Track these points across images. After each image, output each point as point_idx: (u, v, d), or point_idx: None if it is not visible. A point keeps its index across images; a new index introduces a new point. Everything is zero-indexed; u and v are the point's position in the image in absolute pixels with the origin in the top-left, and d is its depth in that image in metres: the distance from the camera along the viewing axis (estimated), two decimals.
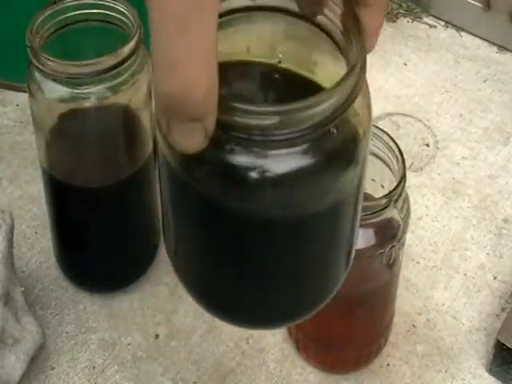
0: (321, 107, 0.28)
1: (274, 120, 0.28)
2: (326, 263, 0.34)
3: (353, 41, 0.30)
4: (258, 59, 0.34)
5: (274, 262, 0.32)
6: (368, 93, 0.31)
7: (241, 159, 0.29)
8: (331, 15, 0.31)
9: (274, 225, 0.31)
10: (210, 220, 0.32)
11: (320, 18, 0.32)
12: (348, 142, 0.30)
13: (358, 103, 0.30)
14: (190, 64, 0.26)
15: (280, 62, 0.33)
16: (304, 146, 0.29)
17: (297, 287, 0.33)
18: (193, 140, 0.28)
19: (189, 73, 0.26)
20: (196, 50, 0.26)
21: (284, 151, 0.29)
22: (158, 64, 0.26)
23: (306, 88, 0.34)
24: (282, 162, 0.29)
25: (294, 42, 0.33)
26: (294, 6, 0.32)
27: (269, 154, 0.29)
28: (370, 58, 0.31)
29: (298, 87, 0.34)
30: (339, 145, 0.30)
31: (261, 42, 0.33)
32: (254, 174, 0.29)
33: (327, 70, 0.33)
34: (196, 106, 0.27)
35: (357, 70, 0.29)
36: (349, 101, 0.29)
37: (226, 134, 0.28)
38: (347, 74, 0.29)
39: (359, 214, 0.35)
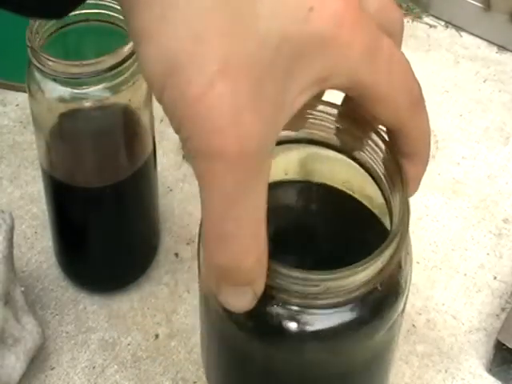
0: (365, 272, 0.29)
1: (317, 288, 0.29)
2: None
3: (395, 189, 0.31)
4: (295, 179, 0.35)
5: None
6: (410, 245, 0.32)
7: (284, 314, 0.30)
8: (372, 154, 0.32)
9: (313, 376, 0.32)
10: (250, 366, 0.34)
11: (360, 155, 0.32)
12: (391, 295, 0.32)
13: (402, 257, 0.31)
14: (239, 238, 0.27)
15: (318, 184, 0.34)
16: (348, 306, 0.30)
17: None
18: (242, 302, 0.29)
19: (238, 246, 0.27)
20: (245, 226, 0.27)
21: (327, 311, 0.30)
22: (208, 237, 0.28)
23: (347, 206, 0.35)
24: (325, 319, 0.30)
25: (332, 169, 0.34)
26: (335, 141, 0.32)
27: (311, 312, 0.30)
28: None
29: (338, 206, 0.35)
30: (382, 299, 0.31)
31: (299, 165, 0.33)
32: (294, 329, 0.30)
33: (365, 192, 0.34)
34: (245, 275, 0.28)
35: (399, 234, 0.30)
36: (392, 262, 0.30)
37: (271, 292, 0.29)
38: (391, 239, 0.30)
39: (395, 352, 0.36)
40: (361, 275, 0.29)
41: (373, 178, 0.32)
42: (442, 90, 0.70)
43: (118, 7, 0.48)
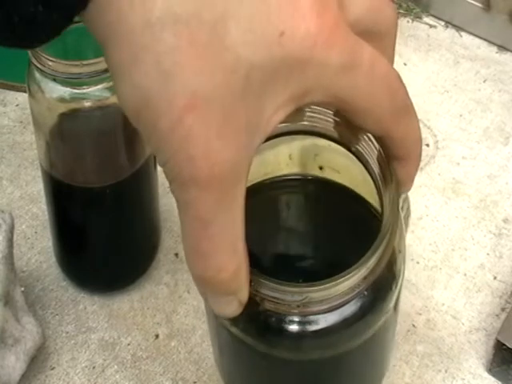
0: (350, 281, 0.29)
1: (301, 297, 0.29)
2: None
3: (387, 188, 0.31)
4: (298, 170, 0.35)
5: None
6: (403, 243, 0.32)
7: (272, 319, 0.31)
8: (367, 149, 0.32)
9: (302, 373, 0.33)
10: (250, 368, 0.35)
11: (357, 149, 0.32)
12: (379, 298, 0.32)
13: (391, 259, 0.31)
14: (214, 256, 0.28)
15: (321, 167, 0.35)
16: (336, 310, 0.30)
17: None
18: (227, 310, 0.30)
19: (214, 262, 0.29)
20: (219, 244, 0.28)
21: (315, 317, 0.31)
22: (187, 253, 0.30)
23: (345, 201, 0.35)
24: (310, 324, 0.31)
25: (332, 158, 0.34)
26: (334, 133, 0.33)
27: (297, 319, 0.31)
28: None
29: (336, 201, 0.35)
30: (370, 302, 0.31)
31: (302, 151, 0.33)
32: (280, 334, 0.31)
33: (361, 184, 0.34)
34: (224, 287, 0.29)
35: (388, 235, 0.30)
36: (375, 269, 0.30)
37: (259, 297, 0.30)
38: (379, 241, 0.29)
39: (392, 346, 0.37)
40: (343, 285, 0.29)
41: (369, 173, 0.33)
42: (442, 89, 0.70)
43: None
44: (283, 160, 0.35)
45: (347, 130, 0.32)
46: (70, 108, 0.48)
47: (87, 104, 0.47)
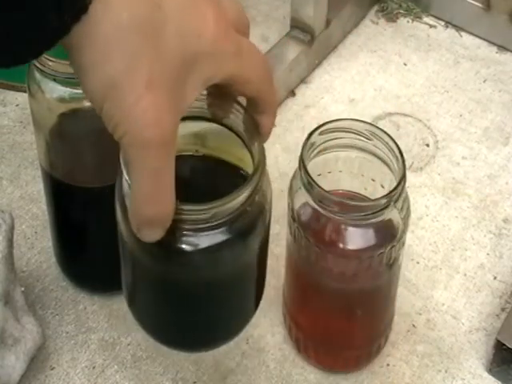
0: (237, 200, 0.39)
1: (206, 215, 0.39)
2: (236, 308, 0.45)
3: (254, 139, 0.42)
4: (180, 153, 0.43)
5: (200, 304, 0.43)
6: (268, 177, 0.42)
7: (180, 237, 0.40)
8: (235, 119, 0.43)
9: (200, 281, 0.42)
10: (155, 277, 0.43)
11: (228, 121, 0.43)
12: (257, 216, 0.41)
13: (263, 186, 0.41)
14: (164, 197, 0.38)
15: (197, 150, 0.45)
16: (228, 225, 0.40)
17: (217, 323, 0.44)
18: (155, 236, 0.39)
19: (163, 203, 0.38)
20: (167, 189, 0.38)
21: (211, 232, 0.40)
22: (138, 203, 0.39)
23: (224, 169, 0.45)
24: (209, 238, 0.40)
25: (211, 138, 0.45)
26: (207, 113, 0.44)
27: (199, 234, 0.40)
28: (370, 57, 0.32)
29: (217, 170, 0.46)
30: (252, 220, 0.41)
31: (183, 138, 0.42)
32: (188, 247, 0.40)
33: (237, 154, 0.44)
34: (164, 221, 0.39)
35: (260, 168, 0.40)
36: (255, 191, 0.40)
37: (174, 225, 0.39)
38: (254, 172, 0.40)
39: (265, 270, 0.45)
40: (237, 200, 0.39)
41: (238, 136, 0.43)
42: (442, 90, 0.70)
43: None
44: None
45: (217, 107, 0.43)
46: (70, 108, 0.48)
47: (87, 104, 0.47)
